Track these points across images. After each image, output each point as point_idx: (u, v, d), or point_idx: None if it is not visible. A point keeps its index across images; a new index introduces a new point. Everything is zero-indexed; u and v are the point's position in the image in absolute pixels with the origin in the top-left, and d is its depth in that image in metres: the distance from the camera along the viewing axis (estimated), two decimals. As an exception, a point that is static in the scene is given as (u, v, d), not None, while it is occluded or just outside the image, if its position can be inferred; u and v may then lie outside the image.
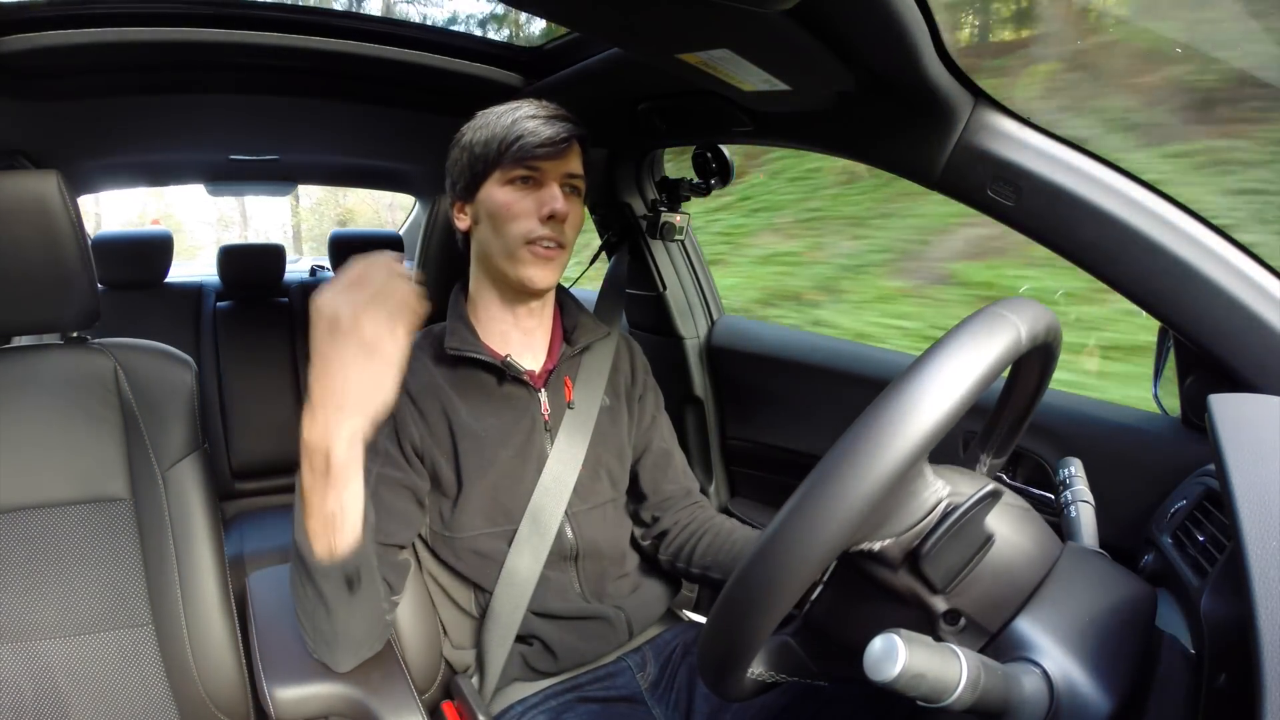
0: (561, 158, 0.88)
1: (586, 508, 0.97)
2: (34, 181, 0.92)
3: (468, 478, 0.90)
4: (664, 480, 1.07)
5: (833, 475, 0.45)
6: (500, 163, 0.88)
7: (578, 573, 0.97)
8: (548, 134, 0.86)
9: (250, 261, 2.34)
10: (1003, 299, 0.54)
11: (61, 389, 0.98)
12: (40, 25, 1.04)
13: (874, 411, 0.46)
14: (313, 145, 1.96)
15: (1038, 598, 0.54)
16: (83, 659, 0.93)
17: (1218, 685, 0.48)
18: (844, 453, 0.45)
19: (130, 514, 0.98)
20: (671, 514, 1.06)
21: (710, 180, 1.37)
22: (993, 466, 0.71)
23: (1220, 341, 0.77)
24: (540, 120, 0.87)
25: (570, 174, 0.90)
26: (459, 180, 0.93)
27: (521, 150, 0.86)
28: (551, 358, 0.99)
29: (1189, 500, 0.74)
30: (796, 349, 1.43)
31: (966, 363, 0.47)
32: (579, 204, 0.93)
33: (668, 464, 1.07)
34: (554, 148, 0.86)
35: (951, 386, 0.46)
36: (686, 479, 1.10)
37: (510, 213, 0.88)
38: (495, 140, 0.87)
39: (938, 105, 0.81)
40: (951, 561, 0.52)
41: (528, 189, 0.89)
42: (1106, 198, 0.79)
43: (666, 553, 1.05)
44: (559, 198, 0.87)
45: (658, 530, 1.06)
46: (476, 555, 0.93)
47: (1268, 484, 0.49)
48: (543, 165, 0.88)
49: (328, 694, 0.85)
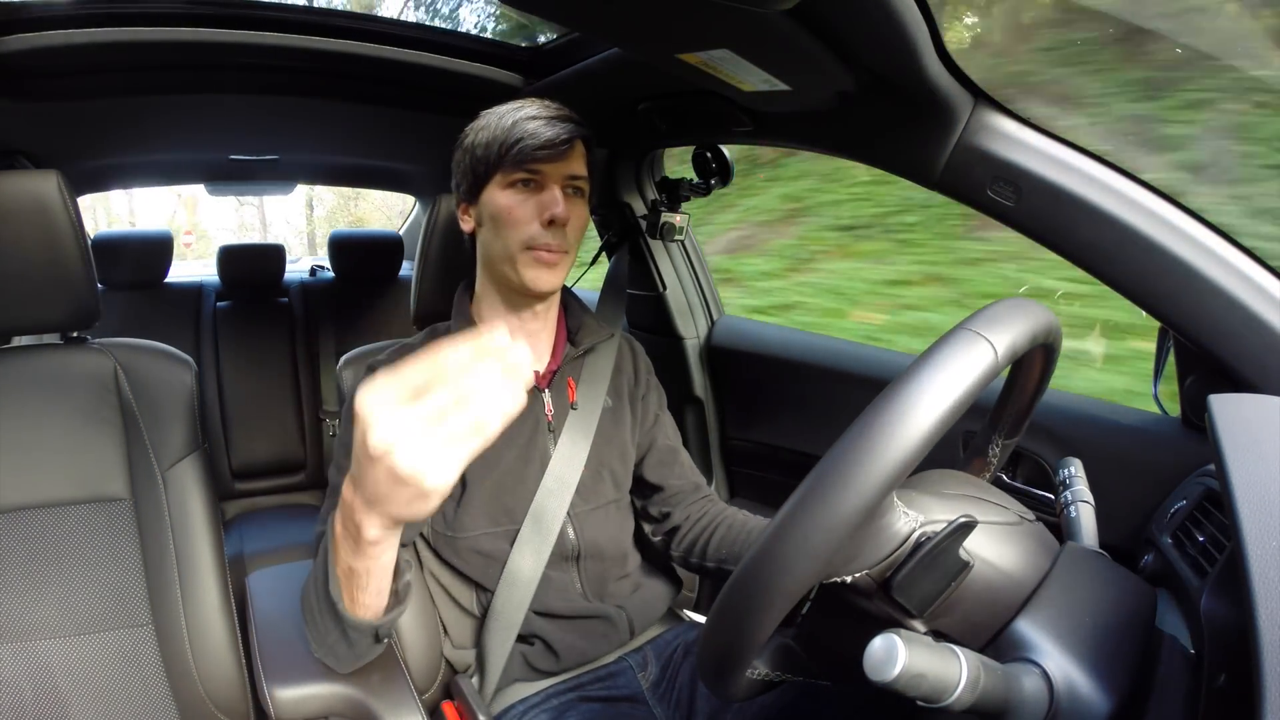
0: (563, 160, 0.87)
1: (589, 508, 0.97)
2: (34, 181, 0.92)
3: (471, 478, 0.90)
4: (671, 475, 1.06)
5: (807, 507, 0.46)
6: (501, 165, 0.87)
7: (579, 572, 0.97)
8: (548, 135, 0.84)
9: (250, 261, 2.34)
10: (988, 306, 0.53)
11: (61, 389, 0.98)
12: (40, 25, 1.04)
13: (844, 443, 0.46)
14: (313, 145, 1.96)
15: (1037, 598, 0.54)
16: (82, 659, 0.93)
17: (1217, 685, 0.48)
18: (815, 484, 0.46)
19: (130, 514, 0.98)
20: (681, 509, 1.06)
21: (710, 180, 1.36)
22: (1005, 448, 0.71)
23: (1220, 341, 0.77)
24: (542, 121, 0.85)
25: (572, 176, 0.89)
26: (462, 182, 0.92)
27: (521, 153, 0.85)
28: (555, 359, 0.99)
29: (1189, 500, 0.74)
30: (796, 349, 1.43)
31: (935, 393, 0.45)
32: (583, 205, 0.91)
33: (673, 460, 1.07)
34: (554, 150, 0.85)
35: (921, 419, 0.45)
36: (694, 474, 1.09)
37: (511, 217, 0.87)
38: (496, 142, 0.86)
39: (937, 105, 0.81)
40: (926, 590, 0.51)
41: (529, 192, 0.87)
42: (1106, 198, 0.79)
43: (679, 549, 1.05)
44: (559, 201, 0.86)
45: (668, 526, 1.06)
46: (479, 555, 0.93)
47: (1268, 484, 0.49)
48: (543, 168, 0.86)
49: (327, 694, 0.85)
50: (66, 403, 0.98)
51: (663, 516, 1.06)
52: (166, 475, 1.00)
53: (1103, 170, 0.80)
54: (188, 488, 1.01)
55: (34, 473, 0.95)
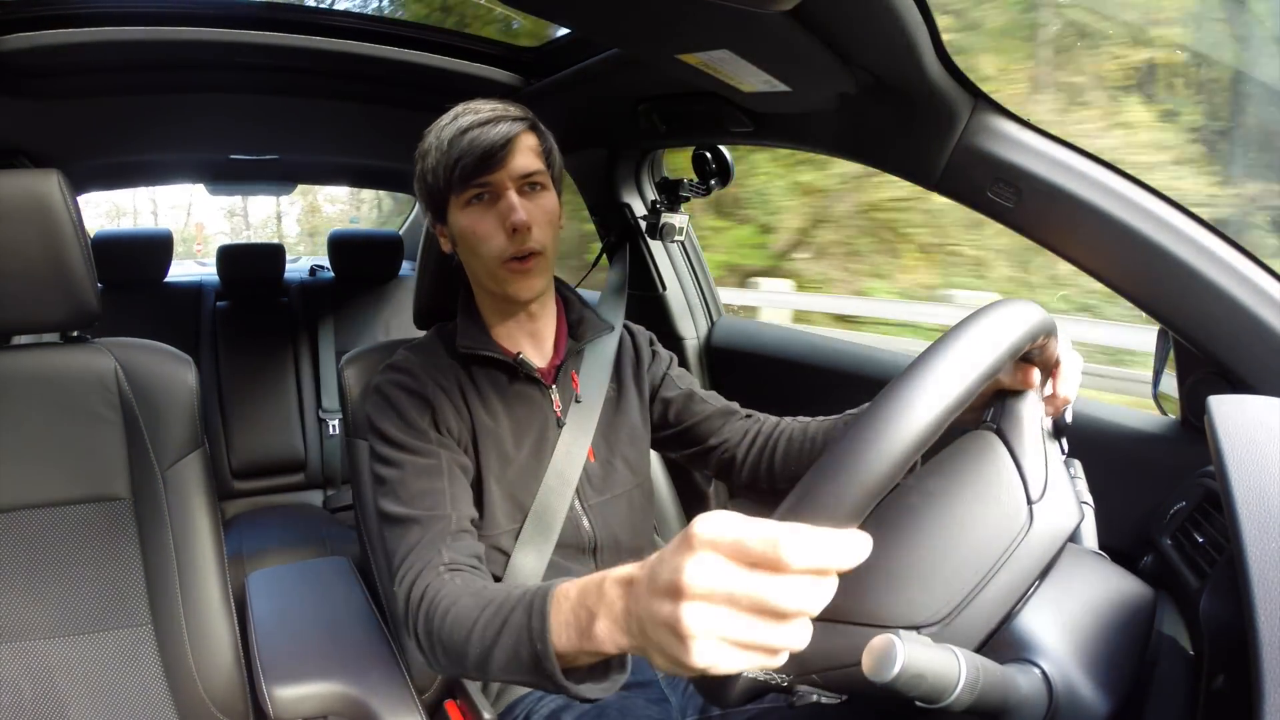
0: (507, 163, 0.84)
1: (605, 499, 0.96)
2: (34, 181, 0.92)
3: (487, 476, 0.90)
4: (694, 410, 1.03)
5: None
6: (451, 188, 0.85)
7: (597, 566, 0.96)
8: (484, 146, 0.82)
9: (250, 261, 2.34)
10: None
11: (61, 388, 0.98)
12: (40, 25, 1.04)
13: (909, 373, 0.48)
14: (313, 145, 1.97)
15: (1037, 598, 0.54)
16: (82, 659, 0.93)
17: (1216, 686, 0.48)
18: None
19: (130, 513, 0.99)
20: (719, 434, 1.01)
21: (710, 181, 1.37)
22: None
23: (1220, 343, 0.77)
24: (474, 131, 0.82)
25: (525, 173, 0.85)
26: (428, 207, 0.91)
27: (464, 173, 0.82)
28: (558, 354, 0.99)
29: (1188, 501, 0.74)
30: (796, 349, 1.43)
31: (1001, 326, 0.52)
32: (548, 195, 0.88)
33: (692, 398, 1.04)
34: (494, 158, 0.82)
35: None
36: (720, 402, 1.06)
37: (475, 235, 0.85)
38: (440, 167, 0.84)
39: (937, 106, 0.81)
40: None
41: (485, 205, 0.85)
42: (1106, 199, 0.79)
43: (742, 479, 1.00)
44: (517, 207, 0.83)
45: (717, 458, 1.02)
46: (498, 552, 0.92)
47: (1267, 485, 0.49)
48: (490, 179, 0.84)
49: (326, 693, 0.85)
50: (67, 402, 0.98)
51: (707, 452, 1.02)
52: (167, 475, 1.00)
53: (1103, 171, 0.80)
54: (188, 487, 1.01)
55: (34, 472, 0.95)
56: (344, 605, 1.04)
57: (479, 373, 0.93)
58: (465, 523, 0.83)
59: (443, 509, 0.81)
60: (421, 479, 0.82)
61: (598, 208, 1.57)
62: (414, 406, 0.86)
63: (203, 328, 2.23)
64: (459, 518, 0.82)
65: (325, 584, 1.11)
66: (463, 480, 0.86)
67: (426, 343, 0.96)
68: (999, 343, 0.51)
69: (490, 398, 0.92)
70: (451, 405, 0.89)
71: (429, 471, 0.83)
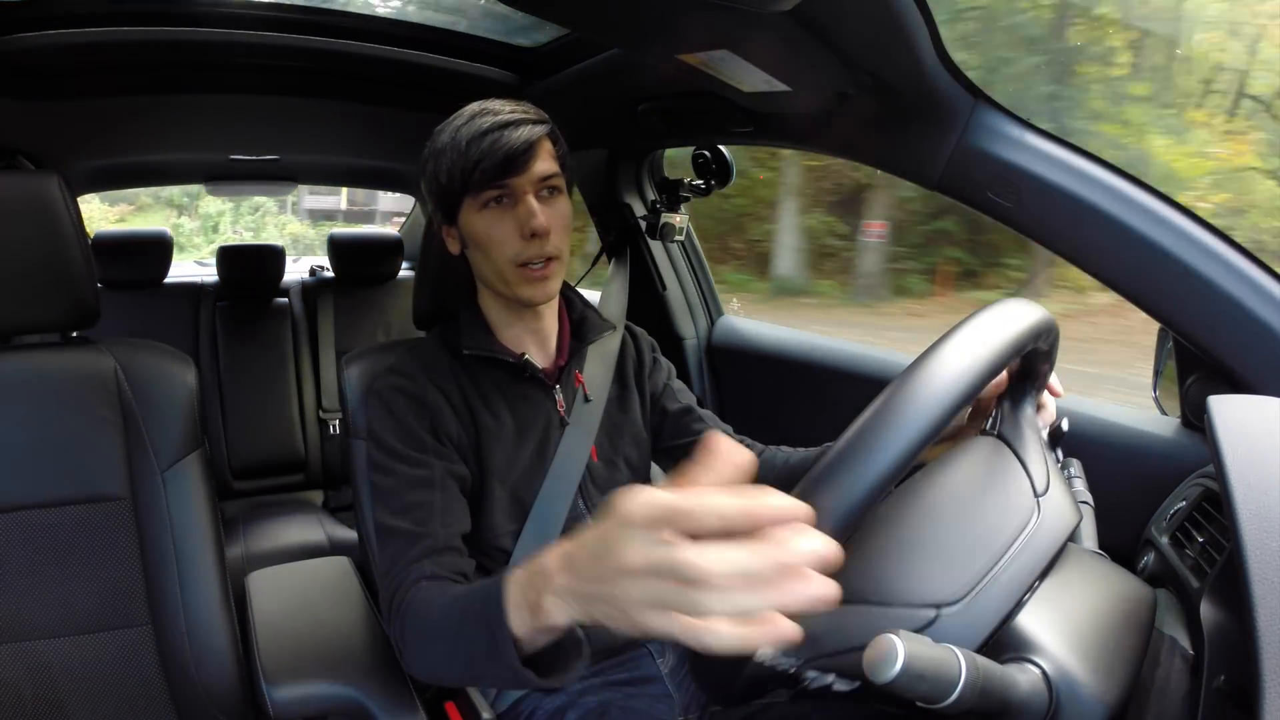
0: (529, 168, 0.83)
1: (608, 498, 0.96)
2: (34, 181, 0.92)
3: (490, 477, 0.90)
4: (692, 423, 1.04)
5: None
6: (467, 190, 0.84)
7: None
8: (507, 150, 0.80)
9: (250, 261, 2.34)
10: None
11: (61, 389, 0.98)
12: (40, 25, 1.04)
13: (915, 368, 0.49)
14: (313, 145, 1.97)
15: (1037, 598, 0.54)
16: (82, 659, 0.93)
17: (1216, 686, 0.48)
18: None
19: (130, 513, 0.98)
20: None
21: (710, 181, 1.37)
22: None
23: (1220, 343, 0.77)
24: (495, 134, 0.81)
25: (544, 177, 0.85)
26: (436, 207, 0.90)
27: (484, 175, 0.81)
28: (562, 354, 0.99)
29: (1188, 501, 0.74)
30: (796, 349, 1.43)
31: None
32: (564, 201, 0.88)
33: (688, 415, 1.05)
34: (516, 162, 0.81)
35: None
36: (716, 423, 1.07)
37: (491, 239, 0.84)
38: (456, 169, 0.83)
39: (937, 106, 0.81)
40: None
41: (503, 208, 0.84)
42: (1106, 199, 0.79)
43: None
44: (537, 212, 0.83)
45: None
46: (502, 553, 0.92)
47: (1267, 486, 0.49)
48: (511, 182, 0.83)
49: (326, 693, 0.85)
50: (66, 402, 0.98)
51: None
52: (166, 474, 1.00)
53: (1102, 171, 0.80)
54: (188, 487, 1.01)
55: (33, 472, 0.95)
56: (344, 605, 1.04)
57: (481, 374, 0.93)
58: (454, 540, 0.82)
59: (431, 525, 0.80)
60: (414, 491, 0.82)
61: (598, 208, 1.57)
62: (413, 413, 0.86)
63: (202, 328, 2.23)
64: (447, 535, 0.81)
65: (325, 584, 1.11)
66: (456, 492, 0.86)
67: (427, 344, 0.96)
68: (1007, 336, 0.52)
69: (493, 398, 0.92)
70: (451, 409, 0.89)
71: (422, 483, 0.83)
